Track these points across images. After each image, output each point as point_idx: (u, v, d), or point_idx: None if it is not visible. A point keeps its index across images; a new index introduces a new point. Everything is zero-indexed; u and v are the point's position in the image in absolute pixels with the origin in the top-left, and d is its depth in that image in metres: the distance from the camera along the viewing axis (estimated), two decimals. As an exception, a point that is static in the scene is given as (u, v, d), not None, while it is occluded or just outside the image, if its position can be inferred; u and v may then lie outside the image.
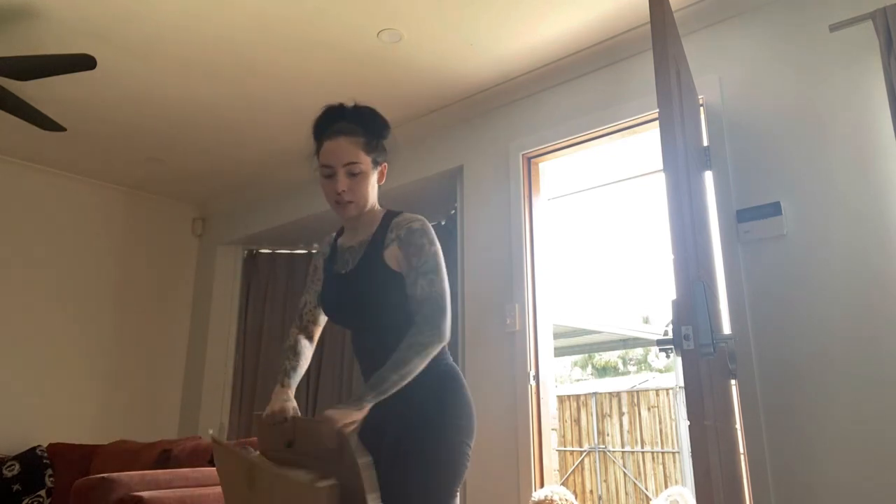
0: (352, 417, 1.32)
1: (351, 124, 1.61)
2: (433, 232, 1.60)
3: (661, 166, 1.86)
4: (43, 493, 3.52)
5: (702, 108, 2.69)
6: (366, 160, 1.60)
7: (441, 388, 1.51)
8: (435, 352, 1.43)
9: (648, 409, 8.60)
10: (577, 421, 9.19)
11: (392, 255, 1.56)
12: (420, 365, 1.40)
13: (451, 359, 1.60)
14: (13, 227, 4.12)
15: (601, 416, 8.98)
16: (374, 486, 1.26)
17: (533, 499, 2.68)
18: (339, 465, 1.29)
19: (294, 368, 1.66)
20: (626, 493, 8.52)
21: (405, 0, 2.69)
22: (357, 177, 1.59)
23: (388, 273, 1.55)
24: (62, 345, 4.20)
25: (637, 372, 15.91)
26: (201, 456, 3.04)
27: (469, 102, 3.50)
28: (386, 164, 1.69)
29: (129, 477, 2.33)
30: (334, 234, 1.80)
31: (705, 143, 2.64)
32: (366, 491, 1.23)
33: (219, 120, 3.71)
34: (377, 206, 1.70)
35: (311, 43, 2.98)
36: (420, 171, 3.72)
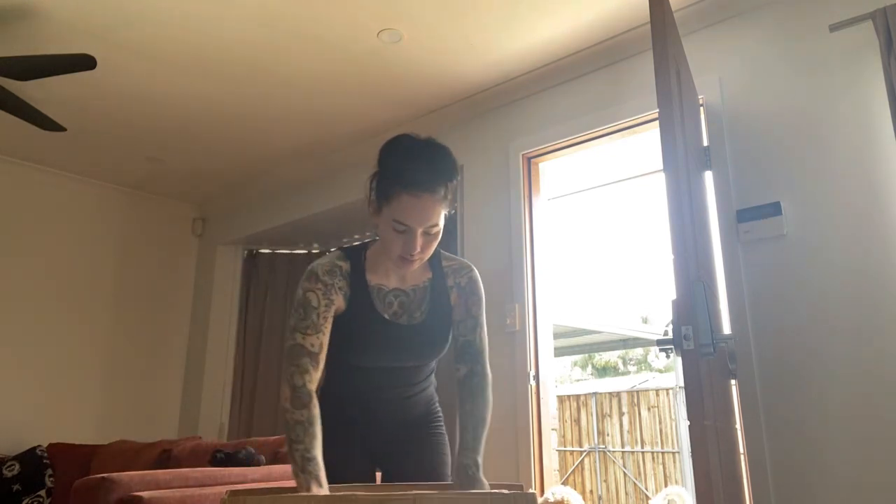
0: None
1: (433, 176, 1.42)
2: None
3: (661, 166, 1.86)
4: (43, 493, 3.52)
5: (702, 108, 2.69)
6: (442, 217, 1.47)
7: (434, 399, 1.78)
8: None
9: (648, 409, 8.60)
10: (577, 421, 9.19)
11: (453, 300, 1.62)
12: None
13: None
14: (13, 227, 4.12)
15: (601, 416, 8.98)
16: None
17: (549, 500, 2.66)
18: None
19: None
20: (626, 493, 8.52)
21: (405, 0, 2.69)
22: (432, 236, 1.47)
23: (452, 320, 1.62)
24: (62, 345, 4.20)
25: (637, 372, 15.93)
26: (201, 456, 3.04)
27: (469, 102, 3.50)
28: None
29: (129, 477, 2.33)
30: (345, 264, 1.54)
31: (705, 143, 2.64)
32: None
33: (218, 120, 3.71)
34: None
35: (311, 43, 2.98)
36: (420, 171, 3.71)
